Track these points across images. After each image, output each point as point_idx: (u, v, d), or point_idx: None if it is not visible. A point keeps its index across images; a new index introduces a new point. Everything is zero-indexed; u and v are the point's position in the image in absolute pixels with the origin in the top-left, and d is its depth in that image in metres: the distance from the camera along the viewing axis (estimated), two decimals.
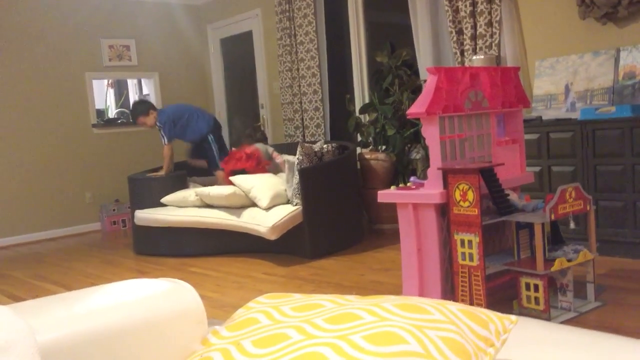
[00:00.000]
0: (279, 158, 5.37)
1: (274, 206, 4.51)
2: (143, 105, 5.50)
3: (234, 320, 1.09)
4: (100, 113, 7.45)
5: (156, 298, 1.07)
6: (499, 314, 1.06)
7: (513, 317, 1.07)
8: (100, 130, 6.93)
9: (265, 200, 4.46)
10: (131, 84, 8.43)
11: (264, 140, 5.77)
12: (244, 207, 4.66)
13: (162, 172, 5.45)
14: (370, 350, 0.85)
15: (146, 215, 5.07)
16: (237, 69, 7.59)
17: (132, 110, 5.52)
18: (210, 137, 5.55)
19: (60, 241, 6.31)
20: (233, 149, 5.49)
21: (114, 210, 6.77)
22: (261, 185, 4.58)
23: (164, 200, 5.11)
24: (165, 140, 5.40)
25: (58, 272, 4.76)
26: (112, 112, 8.03)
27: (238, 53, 7.48)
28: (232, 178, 4.76)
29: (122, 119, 7.45)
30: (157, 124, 5.40)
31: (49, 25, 6.51)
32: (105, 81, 8.20)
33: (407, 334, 0.88)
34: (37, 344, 0.86)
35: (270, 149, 5.52)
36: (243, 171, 5.03)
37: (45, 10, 6.48)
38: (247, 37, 7.17)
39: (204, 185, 5.46)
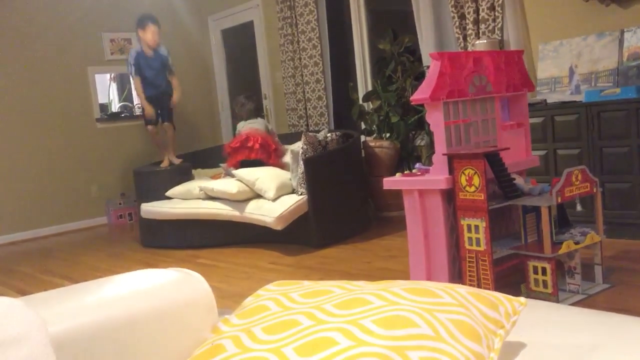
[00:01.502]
0: (276, 137, 5.29)
1: (279, 196, 4.51)
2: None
3: (244, 308, 1.10)
4: (104, 107, 7.45)
5: (166, 288, 1.08)
6: (509, 296, 1.06)
7: (522, 299, 1.07)
8: (104, 124, 6.94)
9: (272, 191, 4.46)
10: None
11: (259, 113, 5.47)
12: (249, 199, 4.66)
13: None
14: (381, 334, 0.85)
15: (152, 209, 5.08)
16: (239, 59, 7.57)
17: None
18: None
19: (68, 235, 6.34)
20: (241, 133, 5.17)
21: (120, 203, 6.79)
22: (265, 177, 4.57)
23: (169, 193, 5.12)
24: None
25: (66, 267, 4.78)
26: (115, 106, 8.02)
27: (240, 44, 7.46)
28: (235, 172, 4.74)
29: (125, 113, 7.45)
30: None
31: (50, 20, 6.49)
32: (108, 75, 8.18)
33: (418, 317, 0.89)
34: (49, 335, 0.87)
35: (270, 126, 5.39)
36: (260, 162, 4.92)
37: (46, 5, 6.46)
38: (248, 27, 7.14)
39: (208, 177, 5.46)
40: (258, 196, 4.63)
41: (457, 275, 2.91)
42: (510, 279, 2.97)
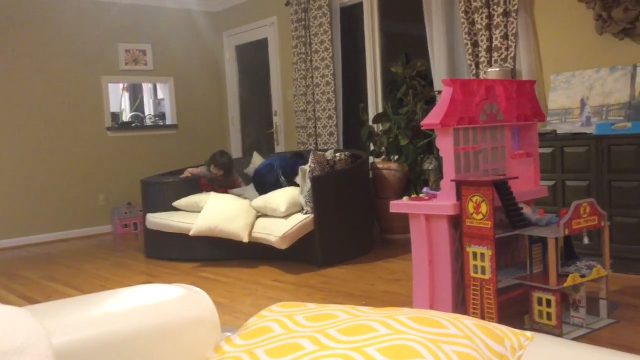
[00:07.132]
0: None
1: (290, 214, 4.50)
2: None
3: (247, 329, 1.09)
4: (115, 116, 7.51)
5: (170, 304, 1.07)
6: (515, 329, 1.05)
7: (529, 334, 1.06)
8: (114, 133, 6.98)
9: (283, 206, 4.46)
10: (146, 88, 8.49)
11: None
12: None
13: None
14: None
15: (157, 220, 5.08)
16: (252, 75, 7.62)
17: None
18: None
19: (72, 242, 6.34)
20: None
21: (125, 213, 6.81)
22: (278, 195, 4.63)
23: (175, 204, 5.13)
24: None
25: (69, 274, 4.78)
26: (126, 116, 8.08)
27: (253, 60, 7.51)
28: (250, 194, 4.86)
29: (136, 123, 7.50)
30: None
31: (69, 29, 6.57)
32: (121, 85, 8.26)
33: (422, 347, 0.88)
34: (52, 346, 0.87)
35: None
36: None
37: (66, 16, 6.54)
38: (262, 44, 7.20)
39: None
40: (264, 215, 4.64)
41: (460, 302, 2.89)
42: (514, 309, 2.95)
